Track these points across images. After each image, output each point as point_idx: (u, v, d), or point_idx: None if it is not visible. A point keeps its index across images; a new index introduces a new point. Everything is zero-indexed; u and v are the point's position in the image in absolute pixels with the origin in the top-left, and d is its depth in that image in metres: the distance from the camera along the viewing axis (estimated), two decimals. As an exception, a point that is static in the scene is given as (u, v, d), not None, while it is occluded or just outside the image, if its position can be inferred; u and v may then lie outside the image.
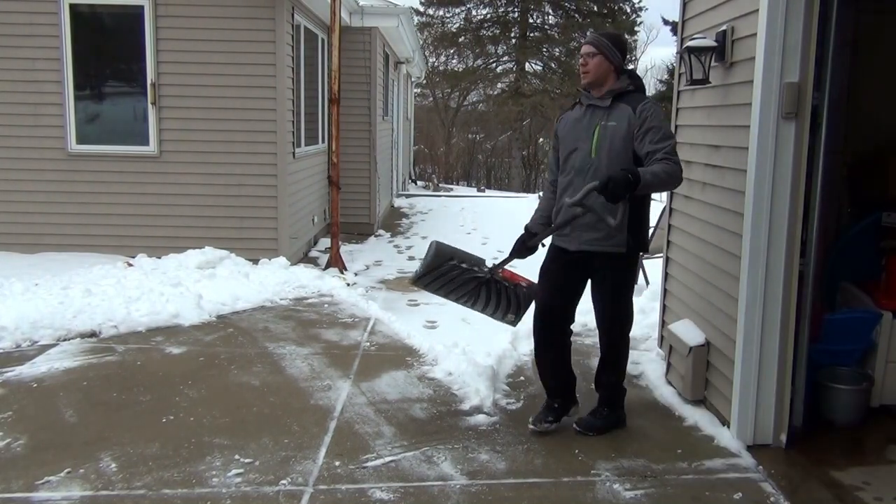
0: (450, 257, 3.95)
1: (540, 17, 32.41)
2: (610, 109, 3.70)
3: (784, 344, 3.72)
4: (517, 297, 4.06)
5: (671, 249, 5.00)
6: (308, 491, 3.31)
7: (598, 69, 3.72)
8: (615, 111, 3.68)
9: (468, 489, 3.35)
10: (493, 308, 4.08)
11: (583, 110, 3.82)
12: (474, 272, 3.97)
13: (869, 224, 4.44)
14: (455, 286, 3.98)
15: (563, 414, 3.98)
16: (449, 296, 4.05)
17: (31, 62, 7.53)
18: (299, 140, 8.47)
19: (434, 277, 3.95)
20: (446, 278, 3.95)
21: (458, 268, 3.94)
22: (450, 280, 3.95)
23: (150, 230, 7.65)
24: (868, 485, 3.42)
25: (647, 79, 34.78)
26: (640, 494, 3.32)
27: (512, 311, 4.08)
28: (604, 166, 3.63)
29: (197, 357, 5.08)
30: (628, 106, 3.66)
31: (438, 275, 3.94)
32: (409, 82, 19.13)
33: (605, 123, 3.68)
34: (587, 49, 3.76)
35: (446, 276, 3.94)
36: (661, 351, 4.99)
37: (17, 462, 3.52)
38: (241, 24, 7.52)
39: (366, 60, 10.63)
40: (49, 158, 7.63)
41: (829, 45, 3.50)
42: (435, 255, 3.92)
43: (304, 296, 6.77)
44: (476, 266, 4.00)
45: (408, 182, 19.66)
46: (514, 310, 4.08)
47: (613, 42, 3.76)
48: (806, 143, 3.57)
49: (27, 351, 5.10)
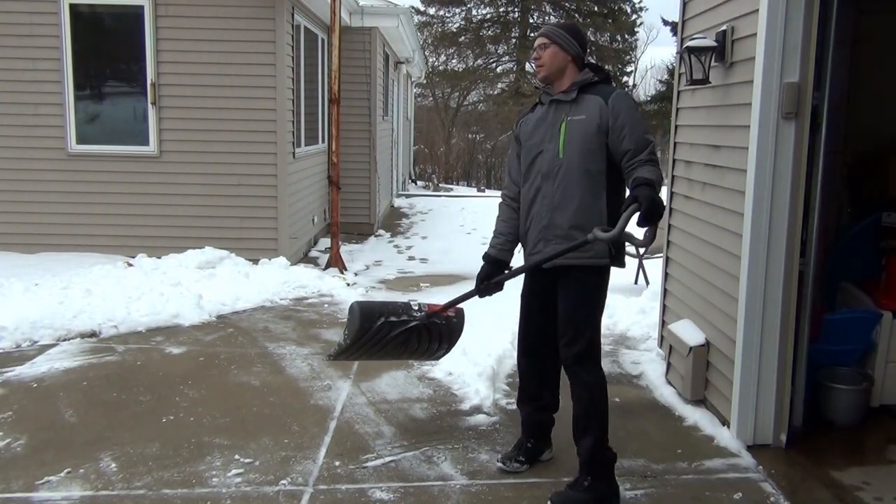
0: (377, 315, 3.54)
1: (540, 16, 32.44)
2: (576, 102, 3.26)
3: (784, 344, 3.72)
4: (450, 329, 3.72)
5: (671, 249, 5.00)
6: (308, 491, 3.31)
7: (552, 60, 3.31)
8: (583, 103, 3.24)
9: (468, 489, 3.35)
10: (422, 351, 3.75)
11: (545, 108, 3.37)
12: (405, 322, 3.57)
13: (869, 224, 4.44)
14: (384, 344, 3.59)
15: (537, 455, 3.59)
16: (375, 356, 3.71)
17: (32, 62, 7.53)
18: (299, 140, 8.47)
19: (363, 342, 3.55)
20: (375, 340, 3.54)
21: (387, 325, 3.53)
22: (379, 340, 3.55)
23: (150, 230, 7.65)
24: (868, 485, 3.42)
25: (647, 79, 34.84)
26: (640, 494, 3.32)
27: (443, 345, 3.78)
28: (574, 166, 3.21)
29: (197, 357, 5.08)
30: (598, 97, 3.23)
31: (367, 339, 3.53)
32: (409, 82, 19.13)
33: (572, 118, 3.24)
34: (540, 41, 3.37)
35: (375, 337, 3.53)
36: (661, 351, 4.99)
37: (17, 462, 3.52)
38: (241, 24, 7.52)
39: (366, 60, 10.63)
40: (49, 158, 7.63)
41: (829, 45, 3.50)
42: (361, 319, 3.51)
43: (304, 296, 6.77)
44: (405, 314, 3.59)
45: (408, 182, 19.65)
46: (445, 343, 3.77)
47: (569, 31, 3.36)
48: (806, 143, 3.57)
49: (27, 351, 5.10)
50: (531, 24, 32.12)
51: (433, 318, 3.65)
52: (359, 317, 3.53)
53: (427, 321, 3.63)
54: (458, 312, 3.74)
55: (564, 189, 3.23)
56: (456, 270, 8.47)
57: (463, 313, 3.76)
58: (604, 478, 3.24)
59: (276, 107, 7.61)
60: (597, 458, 3.22)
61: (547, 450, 3.64)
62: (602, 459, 3.24)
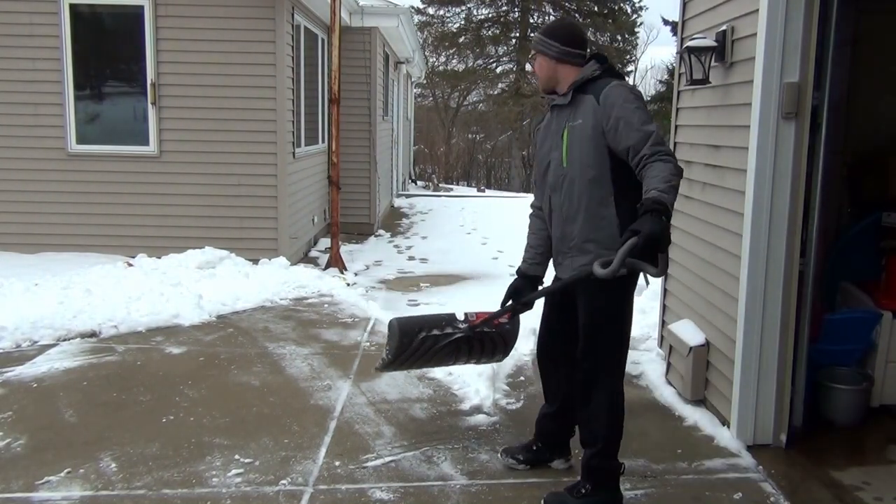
0: (417, 330, 3.57)
1: (540, 17, 32.42)
2: (574, 105, 3.08)
3: (784, 344, 3.72)
4: (502, 336, 3.70)
5: (671, 249, 4.99)
6: (308, 491, 3.31)
7: (541, 71, 3.21)
8: (579, 106, 3.06)
9: (468, 489, 3.35)
10: (477, 357, 3.77)
11: (550, 116, 3.26)
12: (449, 335, 3.58)
13: (869, 224, 4.44)
14: (431, 355, 3.61)
15: (541, 460, 3.51)
16: (426, 365, 3.77)
17: (32, 62, 7.53)
18: (299, 140, 8.47)
19: (407, 357, 3.60)
20: (419, 353, 3.58)
21: (429, 338, 3.56)
22: (424, 352, 3.58)
23: (150, 230, 7.65)
24: (868, 485, 3.42)
25: (647, 79, 34.86)
26: (640, 494, 3.32)
27: (499, 351, 3.76)
28: (578, 175, 3.05)
29: (197, 357, 5.08)
30: (591, 95, 3.02)
31: (410, 353, 3.58)
32: (409, 82, 19.13)
33: (572, 124, 3.06)
34: (532, 55, 3.28)
35: (419, 350, 3.56)
36: (661, 351, 4.99)
37: (17, 462, 3.52)
38: (241, 24, 7.52)
39: (366, 60, 10.63)
40: (49, 158, 7.63)
41: (829, 45, 3.50)
42: (400, 335, 3.55)
43: (304, 296, 6.76)
44: (449, 326, 3.60)
45: (408, 182, 19.66)
46: (501, 349, 3.76)
47: (548, 35, 3.20)
48: (806, 143, 3.57)
49: (27, 351, 5.10)
50: (531, 24, 32.10)
51: (483, 327, 3.62)
52: (398, 333, 3.55)
53: (472, 332, 3.60)
54: (510, 317, 3.68)
55: (571, 199, 3.10)
56: (456, 270, 8.48)
57: (517, 319, 3.68)
58: (605, 488, 3.12)
59: (276, 107, 7.61)
60: (598, 466, 3.12)
61: (560, 459, 3.53)
62: (605, 469, 3.12)
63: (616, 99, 2.96)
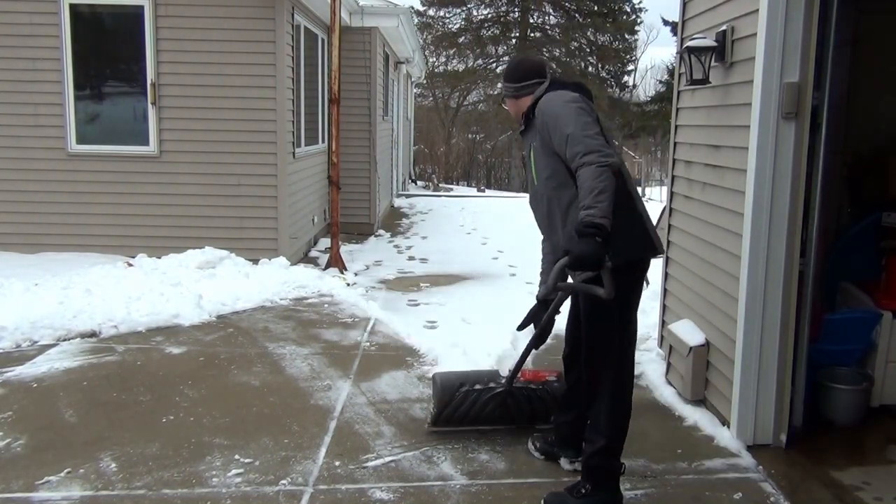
0: (458, 385, 3.78)
1: (540, 17, 32.43)
2: (529, 129, 3.26)
3: (784, 344, 3.72)
4: (551, 393, 3.83)
5: (671, 249, 5.00)
6: (308, 491, 3.31)
7: (511, 108, 3.40)
8: (532, 128, 3.21)
9: (468, 489, 3.35)
10: (526, 417, 3.87)
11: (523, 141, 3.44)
12: (492, 389, 3.78)
13: (869, 224, 4.44)
14: (478, 411, 3.79)
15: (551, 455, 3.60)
16: (476, 423, 3.85)
17: (32, 62, 7.53)
18: (299, 140, 8.47)
19: (452, 411, 3.78)
20: (466, 408, 3.77)
21: (473, 392, 3.77)
22: (470, 406, 3.77)
23: (150, 230, 7.65)
24: (868, 485, 3.42)
25: (647, 79, 34.87)
26: (640, 494, 3.32)
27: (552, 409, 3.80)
28: (545, 190, 3.17)
29: (197, 357, 5.08)
30: (535, 116, 3.18)
31: (455, 407, 3.77)
32: (409, 82, 19.13)
33: (534, 144, 3.21)
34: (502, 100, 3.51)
35: (463, 405, 3.77)
36: (661, 351, 4.99)
37: (17, 462, 3.52)
38: (241, 24, 7.51)
39: (366, 60, 10.64)
40: (49, 158, 7.63)
41: (829, 45, 3.50)
42: (442, 389, 3.78)
43: (304, 296, 6.76)
44: (491, 381, 3.82)
45: (408, 182, 19.66)
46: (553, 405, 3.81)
47: (505, 79, 3.38)
48: (806, 143, 3.57)
49: (27, 351, 5.10)
50: (531, 24, 32.11)
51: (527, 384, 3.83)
52: (439, 387, 3.79)
53: (512, 387, 3.78)
54: (559, 376, 3.81)
55: (545, 215, 3.27)
56: (456, 270, 8.48)
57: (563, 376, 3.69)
58: (605, 488, 3.14)
59: (276, 107, 7.61)
60: (597, 465, 3.13)
61: (566, 459, 3.55)
62: (605, 468, 3.14)
63: (547, 111, 3.07)
